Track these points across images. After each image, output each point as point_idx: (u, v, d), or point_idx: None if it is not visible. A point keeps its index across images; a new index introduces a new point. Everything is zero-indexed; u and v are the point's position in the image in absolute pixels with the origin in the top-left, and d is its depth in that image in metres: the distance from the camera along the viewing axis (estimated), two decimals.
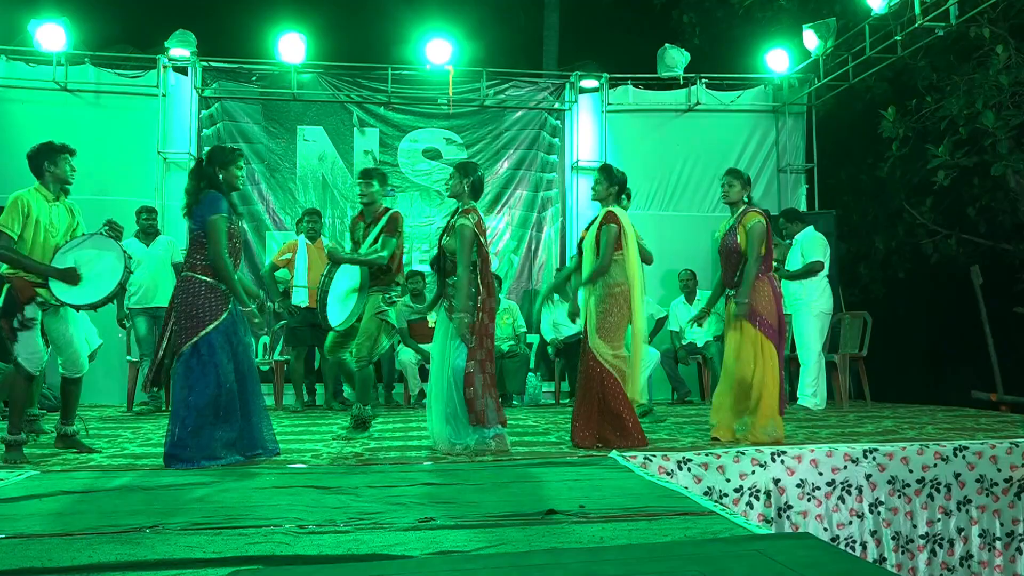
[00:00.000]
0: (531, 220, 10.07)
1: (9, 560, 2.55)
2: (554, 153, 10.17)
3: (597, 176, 5.45)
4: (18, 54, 9.20)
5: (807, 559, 2.40)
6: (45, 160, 4.89)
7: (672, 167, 10.06)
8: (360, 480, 4.06)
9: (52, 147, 4.93)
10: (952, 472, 5.00)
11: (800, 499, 4.81)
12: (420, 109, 9.98)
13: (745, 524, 3.05)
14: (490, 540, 2.77)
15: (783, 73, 10.11)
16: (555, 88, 10.29)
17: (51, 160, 4.89)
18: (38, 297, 4.80)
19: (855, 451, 4.92)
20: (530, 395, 8.83)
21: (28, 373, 4.82)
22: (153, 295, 7.70)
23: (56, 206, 4.93)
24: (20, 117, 8.98)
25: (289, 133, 9.73)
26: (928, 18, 8.01)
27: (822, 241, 7.72)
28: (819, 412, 7.37)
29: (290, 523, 3.04)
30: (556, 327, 8.88)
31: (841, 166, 11.64)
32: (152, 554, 2.63)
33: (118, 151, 9.12)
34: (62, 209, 4.96)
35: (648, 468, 4.52)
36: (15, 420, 4.78)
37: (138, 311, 7.68)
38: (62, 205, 4.97)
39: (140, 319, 7.69)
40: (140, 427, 6.63)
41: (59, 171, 4.91)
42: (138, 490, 3.80)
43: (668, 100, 10.22)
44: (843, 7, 9.96)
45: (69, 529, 2.94)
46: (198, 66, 9.59)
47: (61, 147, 4.95)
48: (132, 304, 7.69)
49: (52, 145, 4.94)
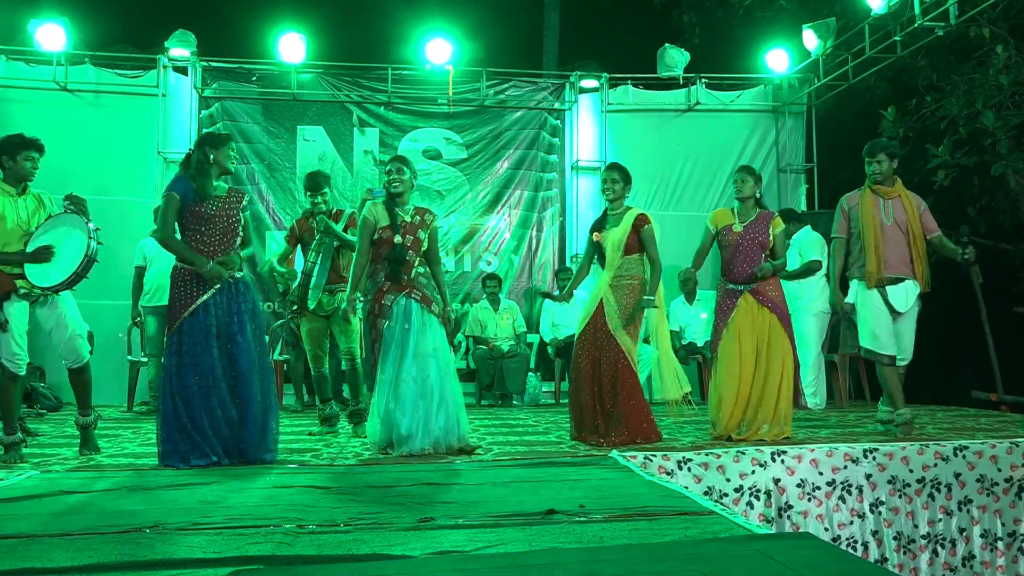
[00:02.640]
0: (531, 220, 10.06)
1: (9, 560, 2.55)
2: (554, 153, 10.16)
3: (613, 175, 5.49)
4: (18, 54, 9.18)
5: (808, 559, 2.40)
6: (4, 154, 4.78)
7: (672, 167, 10.04)
8: (360, 480, 4.06)
9: (13, 142, 4.81)
10: (952, 472, 5.00)
11: (800, 499, 4.81)
12: (420, 109, 9.97)
13: (745, 524, 3.05)
14: (490, 540, 2.77)
15: (783, 73, 10.10)
16: (555, 88, 10.28)
17: (10, 155, 4.78)
18: (20, 289, 4.70)
19: (855, 451, 4.92)
20: (530, 395, 8.83)
21: (12, 373, 4.75)
22: (164, 294, 7.69)
23: (23, 199, 4.83)
24: (20, 117, 8.93)
25: (289, 133, 9.72)
26: (928, 18, 8.00)
27: (819, 240, 7.72)
28: (819, 412, 7.38)
29: (290, 523, 3.04)
30: (556, 327, 8.89)
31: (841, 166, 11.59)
32: (152, 554, 2.63)
33: (118, 151, 9.11)
34: (31, 200, 4.86)
35: (648, 468, 4.52)
36: (9, 421, 4.74)
37: (149, 310, 7.67)
38: (30, 196, 4.87)
39: (151, 318, 7.68)
40: (140, 427, 6.63)
41: (17, 167, 4.78)
42: (138, 490, 3.80)
43: (668, 100, 10.21)
44: (843, 7, 9.94)
45: (69, 529, 2.94)
46: (198, 66, 9.58)
47: (25, 142, 4.82)
48: (144, 303, 7.68)
49: (14, 139, 4.83)
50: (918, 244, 5.49)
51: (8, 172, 4.81)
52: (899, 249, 5.48)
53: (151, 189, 9.08)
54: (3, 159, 4.80)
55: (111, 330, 8.20)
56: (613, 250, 5.37)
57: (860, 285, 5.57)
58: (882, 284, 5.47)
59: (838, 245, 5.71)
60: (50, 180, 8.40)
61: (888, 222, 5.47)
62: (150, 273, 7.58)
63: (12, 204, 4.79)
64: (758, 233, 5.48)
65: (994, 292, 10.02)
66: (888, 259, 5.45)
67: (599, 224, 5.58)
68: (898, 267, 5.46)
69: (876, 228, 5.48)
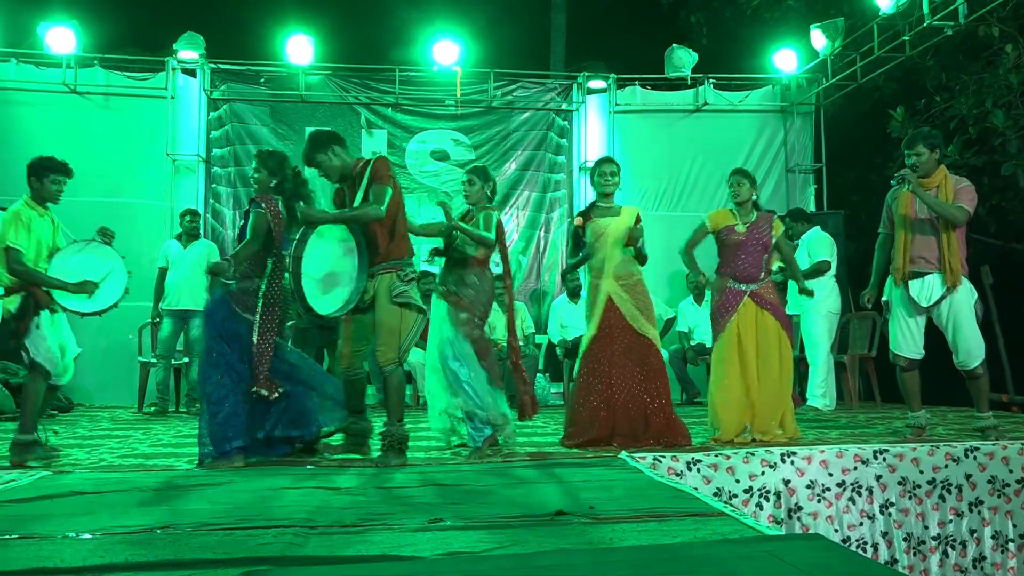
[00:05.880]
0: (539, 221, 10.07)
1: (21, 560, 2.56)
2: (561, 154, 10.17)
3: (613, 168, 5.49)
4: (28, 57, 9.24)
5: (818, 560, 2.39)
6: (32, 175, 4.89)
7: (680, 168, 10.03)
8: (369, 481, 4.07)
9: (43, 164, 4.90)
10: (963, 473, 4.97)
11: (810, 500, 4.79)
12: (428, 110, 9.99)
13: (755, 525, 3.04)
14: (500, 541, 2.77)
15: (791, 73, 10.09)
16: (562, 89, 10.29)
17: (38, 176, 4.88)
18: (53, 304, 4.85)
19: (865, 452, 4.90)
20: (539, 396, 8.80)
21: (47, 372, 4.81)
22: (182, 297, 7.73)
23: (46, 219, 4.94)
24: (30, 120, 9.01)
25: (297, 134, 9.74)
26: (937, 17, 7.97)
27: (828, 241, 7.70)
28: (829, 413, 7.35)
29: (300, 524, 3.05)
30: (564, 328, 8.88)
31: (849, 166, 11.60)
32: (163, 554, 2.64)
33: (127, 153, 9.15)
34: (48, 220, 4.97)
35: (657, 469, 4.51)
36: (30, 420, 4.76)
37: (166, 312, 7.70)
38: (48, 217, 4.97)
39: (167, 320, 7.71)
40: (150, 428, 6.65)
41: (44, 189, 4.88)
42: (149, 491, 3.81)
43: (676, 100, 10.20)
44: (851, 7, 9.93)
45: (80, 529, 2.95)
46: (206, 68, 9.61)
47: (54, 166, 4.91)
48: (163, 305, 7.73)
49: (44, 162, 4.91)
50: (950, 237, 5.27)
51: (35, 192, 4.91)
52: (927, 243, 5.32)
53: (160, 191, 9.12)
54: (31, 180, 4.90)
55: (120, 332, 8.22)
56: (615, 242, 5.36)
57: (890, 281, 5.54)
58: (907, 279, 5.38)
59: (881, 240, 5.63)
60: None
61: (922, 215, 5.32)
62: (170, 276, 7.61)
63: (39, 222, 4.88)
64: (761, 234, 5.48)
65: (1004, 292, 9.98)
66: (914, 253, 5.33)
67: (585, 213, 5.54)
68: (923, 261, 5.32)
69: (907, 222, 5.36)
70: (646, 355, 5.33)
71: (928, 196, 5.21)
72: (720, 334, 5.44)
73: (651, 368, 5.32)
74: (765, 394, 5.33)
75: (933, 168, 5.35)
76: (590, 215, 5.48)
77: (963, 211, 5.21)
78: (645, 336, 5.33)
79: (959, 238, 5.31)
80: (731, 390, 5.36)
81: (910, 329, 5.42)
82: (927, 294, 5.33)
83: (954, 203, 5.24)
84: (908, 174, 5.24)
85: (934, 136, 5.42)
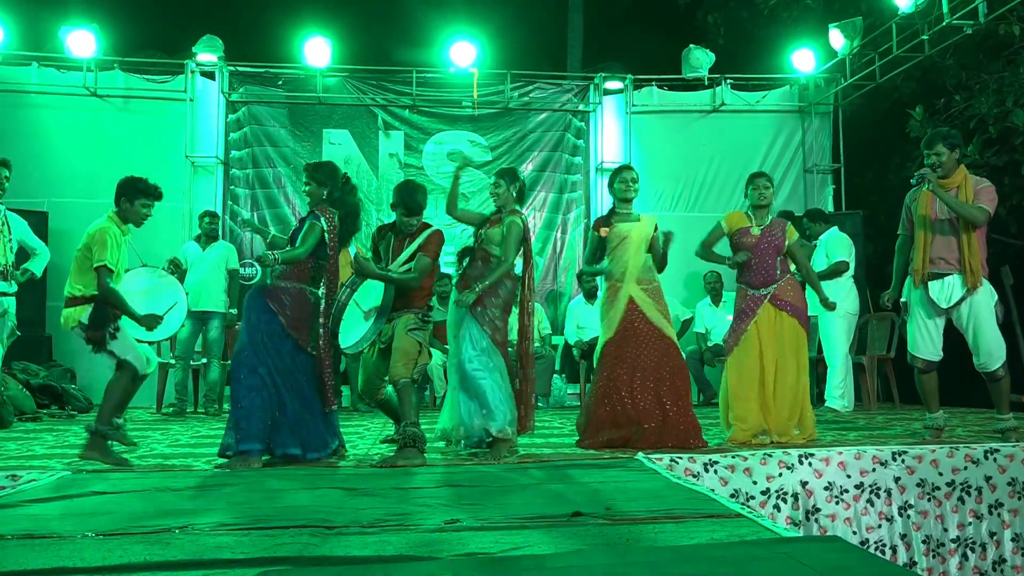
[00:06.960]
0: (556, 222, 10.07)
1: (41, 559, 2.58)
2: (578, 155, 10.17)
3: (634, 175, 5.60)
4: (49, 61, 9.34)
5: (836, 563, 2.38)
6: (123, 195, 4.91)
7: (697, 168, 10.01)
8: (386, 482, 4.08)
9: (137, 186, 4.92)
10: (983, 475, 4.93)
11: (828, 502, 4.76)
12: (445, 112, 10.02)
13: (773, 527, 3.03)
14: (516, 542, 2.77)
15: (809, 73, 10.04)
16: (579, 90, 10.28)
17: (128, 197, 4.90)
18: None
19: (884, 453, 4.87)
20: (555, 397, 8.83)
21: (135, 369, 4.83)
22: (200, 299, 7.78)
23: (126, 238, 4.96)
24: (51, 122, 9.10)
25: (315, 136, 9.80)
26: (956, 16, 7.92)
27: (846, 241, 7.66)
28: (847, 414, 7.31)
29: (317, 524, 3.06)
30: (580, 329, 8.87)
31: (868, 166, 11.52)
32: (181, 554, 2.65)
33: (146, 155, 9.18)
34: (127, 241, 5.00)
35: (674, 470, 4.49)
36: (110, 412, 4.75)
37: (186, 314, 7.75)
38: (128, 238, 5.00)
39: (186, 322, 7.75)
40: (169, 428, 6.70)
41: (132, 211, 4.90)
42: (167, 491, 3.84)
43: (693, 101, 10.18)
44: (869, 6, 9.86)
45: (99, 529, 2.97)
46: (225, 71, 9.69)
47: (148, 189, 4.94)
48: None
49: (139, 184, 4.93)
50: (970, 237, 5.20)
51: (121, 212, 4.91)
52: (947, 243, 5.25)
53: (179, 193, 9.17)
54: (121, 200, 4.91)
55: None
56: (637, 247, 5.42)
57: (909, 282, 5.49)
58: (926, 281, 5.31)
59: (900, 243, 5.57)
60: (79, 184, 8.63)
61: (942, 216, 5.25)
62: (189, 278, 7.66)
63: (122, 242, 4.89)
64: (774, 237, 5.47)
65: None
66: (934, 255, 5.27)
67: (605, 221, 5.58)
68: (943, 262, 5.26)
69: (926, 223, 5.30)
70: (668, 355, 5.36)
71: (948, 196, 5.16)
72: (739, 338, 5.43)
73: (673, 368, 5.36)
74: (782, 396, 5.32)
75: (953, 168, 5.29)
76: (611, 222, 5.51)
77: (983, 211, 5.16)
78: (668, 336, 5.38)
79: (979, 239, 5.24)
80: (749, 395, 5.35)
81: (928, 331, 5.37)
82: (947, 295, 5.27)
83: (974, 203, 5.18)
84: (928, 174, 5.20)
85: (954, 136, 5.35)
